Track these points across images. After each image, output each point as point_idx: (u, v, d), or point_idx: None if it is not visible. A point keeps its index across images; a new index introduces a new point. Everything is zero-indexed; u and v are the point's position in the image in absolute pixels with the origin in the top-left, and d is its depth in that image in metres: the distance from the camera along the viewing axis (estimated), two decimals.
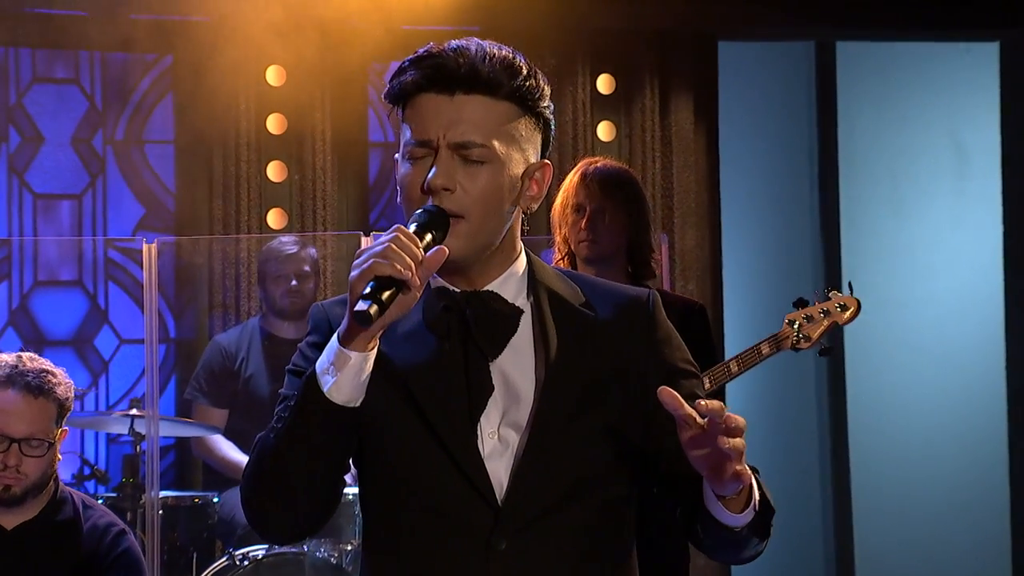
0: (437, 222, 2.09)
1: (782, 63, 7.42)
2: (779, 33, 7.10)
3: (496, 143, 2.12)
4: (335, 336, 2.04)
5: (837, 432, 7.29)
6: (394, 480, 2.14)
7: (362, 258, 2.00)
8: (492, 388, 2.13)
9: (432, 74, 2.11)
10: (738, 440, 1.94)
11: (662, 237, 6.40)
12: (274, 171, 6.33)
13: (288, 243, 5.72)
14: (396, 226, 2.04)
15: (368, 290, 1.98)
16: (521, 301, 2.19)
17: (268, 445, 2.09)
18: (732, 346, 6.73)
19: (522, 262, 2.22)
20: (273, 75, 6.31)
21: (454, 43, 2.14)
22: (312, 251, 5.75)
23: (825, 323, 4.37)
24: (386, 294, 1.99)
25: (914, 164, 7.39)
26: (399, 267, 1.99)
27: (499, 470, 2.12)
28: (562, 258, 4.13)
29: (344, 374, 2.03)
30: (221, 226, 6.24)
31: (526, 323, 2.18)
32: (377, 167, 6.67)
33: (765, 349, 4.31)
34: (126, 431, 5.28)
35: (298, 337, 5.60)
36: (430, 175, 2.10)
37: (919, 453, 7.28)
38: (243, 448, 5.54)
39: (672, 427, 2.06)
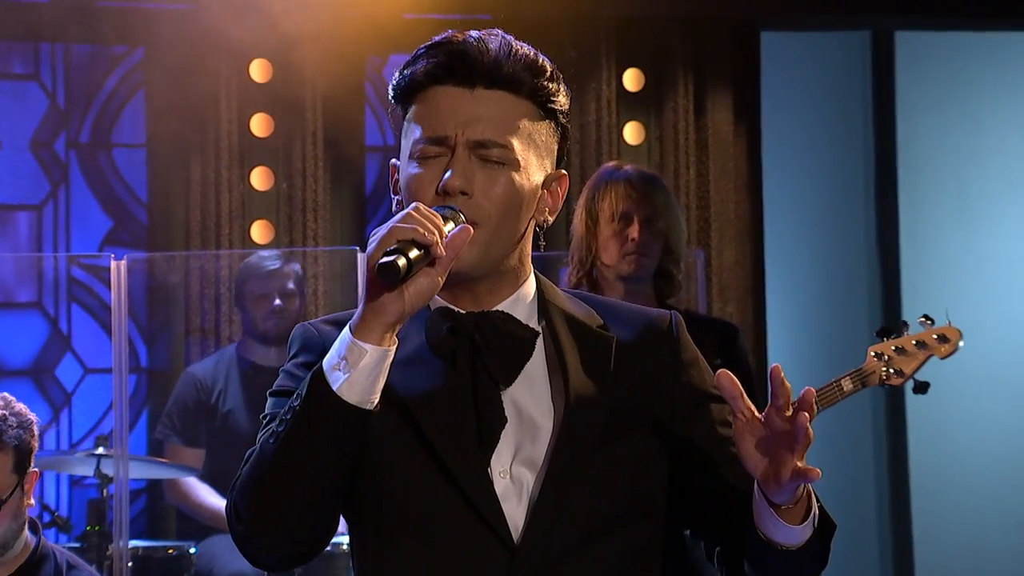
0: (457, 220, 2.11)
1: (833, 56, 7.41)
2: (830, 22, 7.10)
3: (516, 144, 2.16)
4: (346, 329, 2.04)
5: (897, 475, 7.26)
6: (397, 518, 2.15)
7: (380, 231, 2.02)
8: (505, 420, 2.15)
9: (451, 63, 2.15)
10: (808, 427, 2.01)
11: (697, 253, 6.39)
12: (259, 178, 6.33)
13: (269, 258, 5.72)
14: (414, 203, 2.06)
15: (392, 247, 2.00)
16: (533, 324, 2.21)
17: (267, 450, 2.07)
18: None
19: (532, 283, 2.26)
20: (257, 70, 6.31)
21: (475, 33, 2.18)
22: (296, 267, 5.75)
23: (921, 356, 4.37)
24: (414, 252, 2.00)
25: (984, 169, 7.37)
26: (422, 231, 2.00)
27: (513, 512, 2.14)
28: (580, 277, 4.10)
29: (358, 370, 2.02)
30: (199, 240, 6.24)
31: (539, 348, 2.21)
32: (375, 174, 6.67)
33: (848, 385, 4.32)
34: (91, 473, 5.28)
35: (281, 365, 5.60)
36: (446, 176, 2.12)
37: (991, 498, 7.23)
38: (222, 492, 5.52)
39: (705, 459, 2.19)
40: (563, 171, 2.25)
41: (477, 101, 2.15)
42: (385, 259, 1.98)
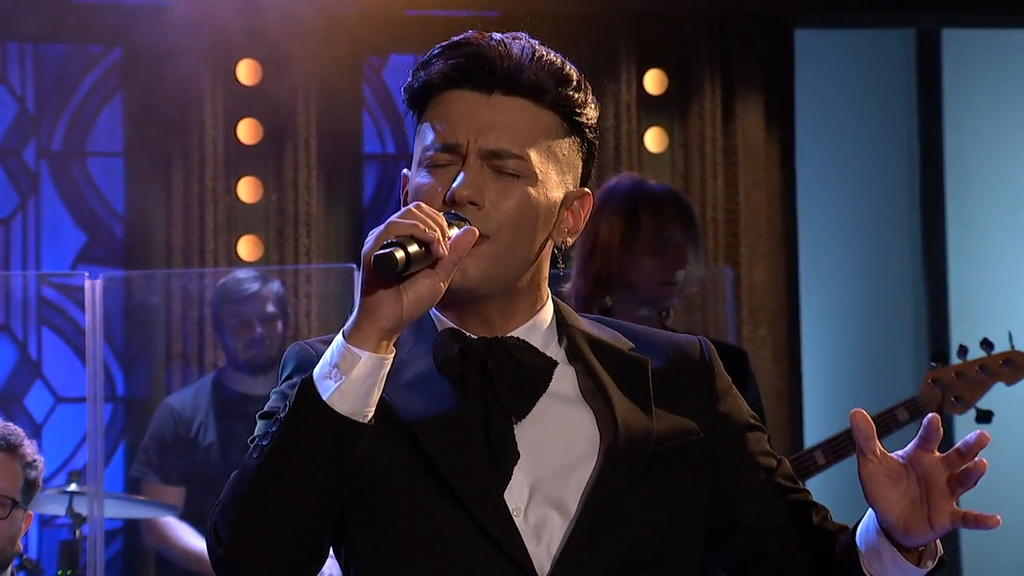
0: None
1: (875, 56, 7.41)
2: (871, 18, 7.09)
3: (534, 156, 2.18)
4: (339, 335, 2.06)
5: None
6: (405, 550, 2.16)
7: (377, 228, 2.04)
8: (517, 456, 2.16)
9: (468, 65, 2.17)
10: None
11: (725, 271, 6.37)
12: (246, 190, 6.33)
13: (246, 280, 5.71)
14: (415, 202, 2.09)
15: (390, 241, 2.01)
16: (552, 351, 2.23)
17: (250, 466, 2.08)
18: (810, 403, 6.69)
19: (549, 309, 2.28)
20: (245, 71, 6.31)
21: (498, 35, 2.20)
22: (276, 286, 5.74)
23: (986, 383, 4.37)
24: (413, 247, 2.01)
25: None
26: (423, 227, 2.02)
27: (532, 551, 2.15)
28: (590, 291, 4.09)
29: (351, 379, 2.03)
30: (181, 258, 6.23)
31: (569, 377, 2.23)
32: (373, 185, 6.67)
33: (902, 415, 4.33)
34: (63, 512, 5.26)
35: (266, 393, 5.59)
36: (455, 184, 2.15)
37: None
38: (204, 532, 5.50)
39: (751, 493, 2.25)
40: (587, 190, 2.27)
41: (494, 108, 2.17)
42: (381, 251, 1.99)
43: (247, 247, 6.32)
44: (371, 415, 2.05)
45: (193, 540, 5.59)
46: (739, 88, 6.66)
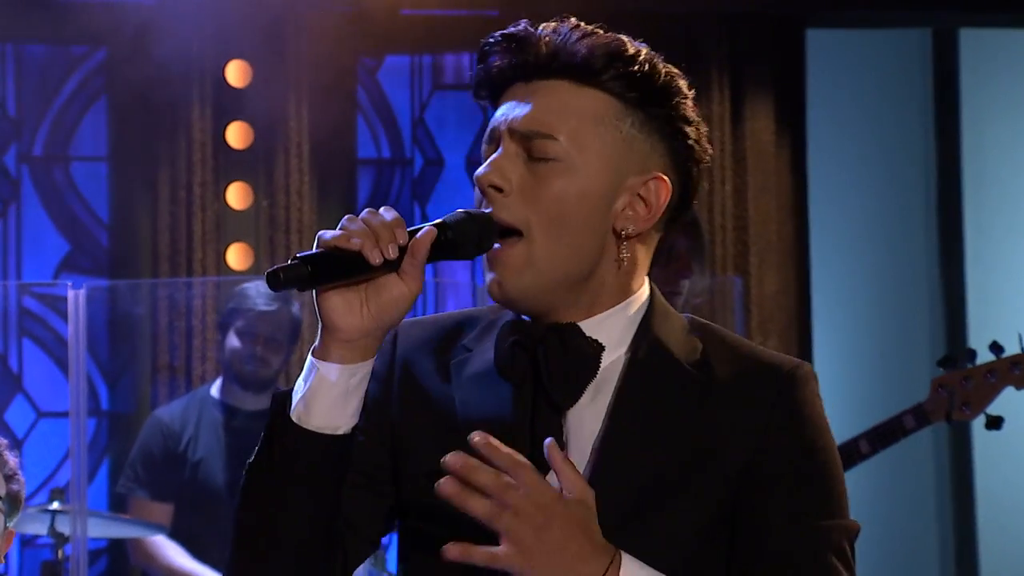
0: (477, 227, 2.07)
1: (889, 57, 7.41)
2: (885, 18, 7.10)
3: (575, 139, 2.11)
4: (311, 351, 2.07)
5: (962, 527, 7.21)
6: (433, 550, 2.11)
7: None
8: (564, 446, 2.13)
9: (508, 57, 2.15)
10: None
11: (734, 280, 6.36)
12: (236, 196, 6.33)
13: (265, 296, 5.66)
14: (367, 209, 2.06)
15: (307, 253, 1.99)
16: (616, 352, 2.16)
17: (241, 490, 2.12)
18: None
19: (639, 302, 2.20)
20: (235, 73, 6.30)
21: (550, 24, 2.18)
22: (296, 310, 5.69)
23: (995, 388, 4.38)
24: (326, 266, 1.99)
25: None
26: (351, 238, 1.98)
27: None
28: None
29: (313, 390, 2.04)
30: (168, 266, 6.24)
31: (616, 375, 2.15)
32: (368, 190, 6.68)
33: (909, 423, 4.34)
34: (45, 531, 5.24)
35: (260, 409, 5.60)
36: (480, 169, 2.11)
37: None
38: (193, 552, 5.52)
39: (758, 555, 2.10)
40: (658, 173, 2.14)
41: (531, 92, 2.13)
42: (278, 265, 1.97)
43: (237, 255, 6.31)
44: (347, 427, 2.05)
45: (180, 559, 5.57)
46: (748, 90, 6.66)
